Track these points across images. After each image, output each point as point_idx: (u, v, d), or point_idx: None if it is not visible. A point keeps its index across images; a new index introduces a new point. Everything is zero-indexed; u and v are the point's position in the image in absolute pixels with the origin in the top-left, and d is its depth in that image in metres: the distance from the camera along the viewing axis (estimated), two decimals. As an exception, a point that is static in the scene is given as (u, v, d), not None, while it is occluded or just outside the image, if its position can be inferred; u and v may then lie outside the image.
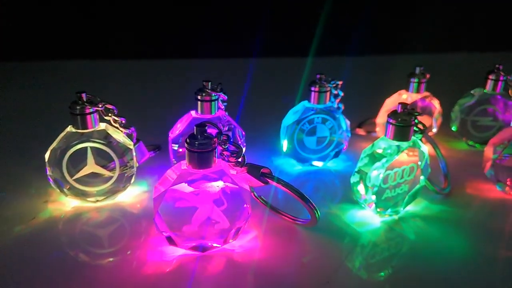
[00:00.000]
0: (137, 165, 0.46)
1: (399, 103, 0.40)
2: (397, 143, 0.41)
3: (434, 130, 0.58)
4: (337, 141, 0.52)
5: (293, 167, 0.53)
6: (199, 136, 0.34)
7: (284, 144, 0.52)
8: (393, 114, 0.40)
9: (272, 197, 0.44)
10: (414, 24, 1.17)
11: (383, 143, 0.41)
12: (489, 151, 0.48)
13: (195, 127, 0.33)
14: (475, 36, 1.20)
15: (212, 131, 0.35)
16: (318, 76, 0.50)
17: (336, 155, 0.53)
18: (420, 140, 0.43)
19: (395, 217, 0.43)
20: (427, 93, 0.57)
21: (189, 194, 0.35)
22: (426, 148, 0.43)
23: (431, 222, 0.43)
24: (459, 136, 0.60)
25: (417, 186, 0.44)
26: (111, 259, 0.37)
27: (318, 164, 0.53)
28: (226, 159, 0.35)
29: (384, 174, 0.40)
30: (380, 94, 0.60)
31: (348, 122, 0.52)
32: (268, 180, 0.36)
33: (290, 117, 0.51)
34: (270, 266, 0.36)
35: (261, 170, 0.36)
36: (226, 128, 0.48)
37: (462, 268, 0.37)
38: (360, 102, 0.69)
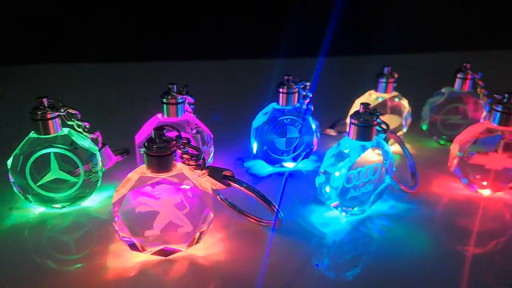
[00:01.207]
0: (104, 169, 0.46)
1: (361, 104, 0.40)
2: (360, 143, 0.41)
3: (404, 129, 0.58)
4: (306, 142, 0.52)
5: (264, 169, 0.53)
6: (157, 140, 0.33)
7: (254, 146, 0.52)
8: (355, 115, 0.40)
9: (239, 199, 0.44)
10: (383, 24, 1.18)
11: (347, 143, 0.42)
12: (455, 149, 0.48)
13: (153, 130, 0.33)
14: (443, 36, 1.21)
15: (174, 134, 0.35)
16: (286, 77, 0.50)
17: (306, 156, 0.53)
18: (384, 139, 0.43)
19: (361, 216, 0.44)
20: (395, 93, 0.57)
21: (149, 199, 0.35)
22: (389, 147, 0.43)
23: (396, 221, 0.43)
24: (429, 135, 0.61)
25: (383, 185, 0.44)
26: (77, 265, 0.36)
27: (289, 165, 0.53)
28: (186, 162, 0.35)
29: (347, 174, 0.40)
30: (352, 94, 0.60)
31: (317, 123, 0.53)
32: (231, 182, 0.36)
33: (259, 119, 0.51)
34: (234, 268, 0.36)
35: (223, 173, 0.36)
36: (195, 131, 0.48)
37: (426, 266, 0.37)
38: (332, 102, 0.70)
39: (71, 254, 0.38)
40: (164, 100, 0.45)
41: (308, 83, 0.51)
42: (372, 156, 0.42)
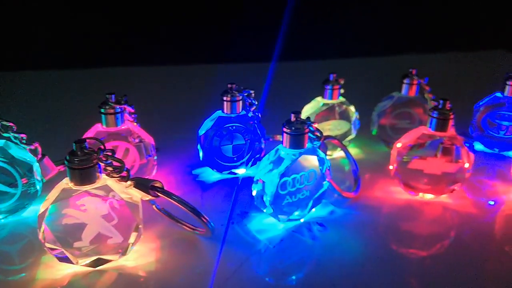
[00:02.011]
0: (44, 180, 0.45)
1: (292, 113, 0.41)
2: (293, 151, 0.41)
3: (353, 135, 0.59)
4: (254, 149, 0.53)
5: (212, 176, 0.54)
6: (79, 153, 0.34)
7: (201, 153, 0.52)
8: (287, 123, 0.41)
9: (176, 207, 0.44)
10: (329, 29, 1.19)
11: (282, 150, 0.42)
12: (394, 153, 0.49)
13: (73, 143, 0.33)
14: (390, 40, 1.22)
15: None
16: (229, 85, 0.50)
17: (254, 162, 0.54)
18: (319, 147, 0.44)
19: (300, 221, 0.44)
20: (342, 99, 0.58)
21: (75, 211, 0.35)
22: (324, 154, 0.44)
23: (335, 226, 0.44)
24: (379, 139, 0.62)
25: (320, 191, 0.45)
26: (10, 277, 0.36)
27: (240, 171, 0.53)
28: (109, 174, 0.35)
29: (280, 181, 0.41)
30: (302, 100, 0.61)
31: (264, 130, 0.53)
32: (159, 194, 0.37)
33: (205, 126, 0.52)
34: (164, 278, 0.36)
35: (151, 184, 0.36)
36: (137, 141, 0.48)
37: (365, 270, 0.38)
38: (283, 108, 0.70)
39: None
40: (102, 110, 0.45)
41: (252, 91, 0.51)
42: (307, 162, 0.42)
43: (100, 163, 0.34)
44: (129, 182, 0.36)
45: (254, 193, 0.43)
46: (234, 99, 0.50)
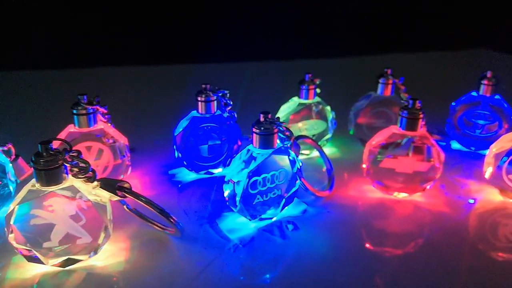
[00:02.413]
0: (19, 181, 0.46)
1: (260, 113, 0.41)
2: (263, 150, 0.42)
3: (330, 134, 0.60)
4: (230, 148, 0.53)
5: (188, 176, 0.54)
6: (44, 154, 0.34)
7: (177, 153, 0.52)
8: (256, 123, 0.41)
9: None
10: (305, 30, 1.20)
11: (252, 150, 0.43)
12: (366, 153, 0.49)
13: (39, 144, 0.34)
14: (366, 40, 1.23)
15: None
16: (203, 86, 0.50)
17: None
18: (290, 146, 0.44)
19: (272, 220, 0.44)
20: (318, 99, 0.59)
21: (43, 211, 0.35)
22: (296, 154, 0.44)
23: (307, 225, 0.44)
24: (356, 138, 0.62)
25: (292, 190, 0.45)
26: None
27: (217, 171, 0.54)
28: (75, 175, 0.35)
29: (251, 181, 0.41)
30: (279, 100, 0.61)
31: (239, 130, 0.54)
32: (126, 194, 0.37)
33: (180, 126, 0.52)
34: (132, 278, 0.37)
35: (118, 185, 0.37)
36: (111, 141, 0.48)
37: (332, 269, 0.38)
38: (261, 108, 0.71)
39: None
40: (74, 111, 0.45)
41: (227, 91, 0.51)
42: (277, 162, 0.43)
43: (66, 164, 0.34)
44: (95, 183, 0.36)
45: (225, 193, 0.43)
46: (209, 99, 0.50)
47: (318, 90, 0.59)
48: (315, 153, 0.60)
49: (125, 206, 0.42)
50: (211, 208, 0.47)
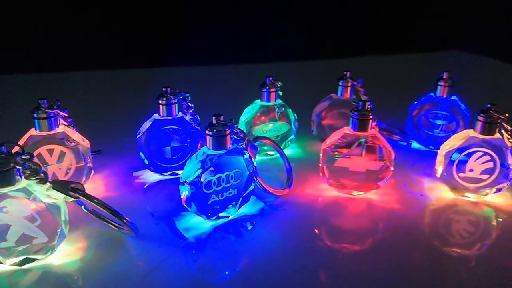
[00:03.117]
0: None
1: (213, 115, 0.43)
2: (217, 152, 0.43)
3: (293, 135, 0.61)
4: (194, 151, 0.54)
5: (152, 177, 0.55)
6: (-4, 157, 0.35)
7: (141, 155, 0.54)
8: (209, 126, 0.43)
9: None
10: (267, 33, 1.22)
11: (206, 152, 0.44)
12: (321, 153, 0.51)
13: (-9, 148, 0.35)
14: (326, 44, 1.25)
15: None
16: (164, 89, 0.52)
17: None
18: (245, 147, 0.46)
19: (228, 219, 0.46)
20: (280, 101, 0.60)
21: (-4, 212, 0.36)
22: (253, 154, 0.46)
23: (264, 223, 0.46)
24: (319, 139, 0.64)
25: (249, 189, 0.47)
26: None
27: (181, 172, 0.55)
28: (27, 177, 0.36)
29: (205, 181, 0.43)
30: (242, 103, 0.63)
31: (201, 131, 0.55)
32: (79, 196, 0.38)
33: (143, 129, 0.53)
34: (86, 276, 0.38)
35: (71, 186, 0.38)
36: (73, 144, 0.49)
37: (286, 264, 0.40)
38: (224, 111, 0.72)
39: None
40: (35, 115, 0.47)
41: (188, 94, 0.53)
42: (232, 162, 0.44)
43: (18, 167, 0.36)
44: (48, 184, 0.37)
45: (182, 194, 0.45)
46: (169, 102, 0.52)
47: (280, 93, 0.61)
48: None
49: (82, 207, 0.43)
50: (171, 208, 0.48)
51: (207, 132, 0.43)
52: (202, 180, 0.42)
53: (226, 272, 0.39)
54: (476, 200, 0.50)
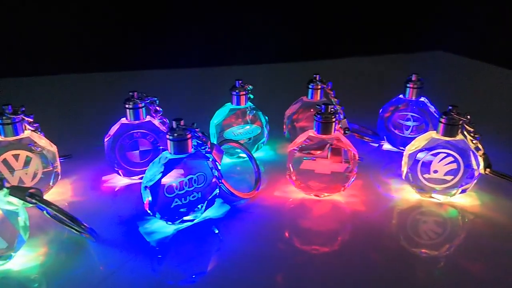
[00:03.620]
0: None
1: (173, 120, 0.43)
2: (178, 156, 0.44)
3: (264, 138, 0.62)
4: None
5: (121, 181, 0.56)
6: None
7: (108, 159, 0.54)
8: (170, 130, 0.43)
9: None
10: (236, 37, 1.22)
11: (167, 156, 0.44)
12: (288, 156, 0.52)
13: None
14: (296, 47, 1.26)
15: None
16: (130, 93, 0.52)
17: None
18: (209, 150, 0.46)
19: (193, 222, 0.46)
20: (250, 104, 0.61)
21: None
22: (215, 158, 0.46)
23: (229, 225, 0.46)
24: (291, 142, 0.64)
25: (214, 193, 0.47)
26: None
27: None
28: (-18, 183, 0.37)
29: (167, 185, 0.43)
30: (214, 106, 0.63)
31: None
32: (37, 202, 0.38)
33: (110, 133, 0.54)
34: (44, 281, 0.38)
35: (29, 191, 0.38)
36: (39, 149, 0.50)
37: (250, 267, 0.40)
38: (195, 114, 0.73)
39: None
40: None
41: (155, 98, 0.53)
42: (195, 166, 0.44)
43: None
44: (5, 190, 0.37)
45: (144, 199, 0.45)
46: (136, 106, 0.52)
47: (251, 96, 0.61)
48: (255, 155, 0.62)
49: (44, 212, 0.43)
50: (137, 212, 0.48)
51: (167, 136, 0.43)
52: (163, 184, 0.42)
53: (193, 276, 0.39)
54: (441, 201, 0.51)
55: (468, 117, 0.48)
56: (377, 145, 0.67)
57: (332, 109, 0.49)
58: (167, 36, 1.17)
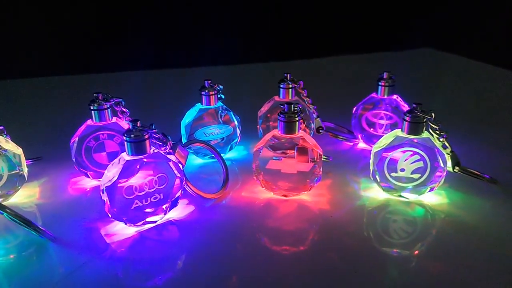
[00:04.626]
0: None
1: (130, 121, 0.43)
2: (136, 156, 0.43)
3: (237, 138, 0.61)
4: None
5: (90, 183, 0.55)
6: None
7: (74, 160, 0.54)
8: (126, 132, 0.43)
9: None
10: (203, 38, 1.21)
11: (125, 157, 0.44)
12: (253, 155, 0.51)
13: None
14: (265, 47, 1.25)
15: None
16: (95, 94, 0.52)
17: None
18: (173, 151, 0.46)
19: (155, 224, 0.46)
20: (221, 104, 0.60)
21: None
22: (179, 159, 0.46)
23: (193, 226, 0.46)
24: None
25: (177, 194, 0.47)
26: None
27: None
28: None
29: (126, 186, 0.43)
30: (185, 107, 0.63)
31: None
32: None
33: (76, 135, 0.53)
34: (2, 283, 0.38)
35: (-18, 194, 0.38)
36: (5, 152, 0.50)
37: (211, 269, 0.40)
38: (167, 115, 0.73)
39: None
40: (-40, 124, 0.47)
41: (121, 99, 0.53)
42: (155, 167, 0.44)
43: None
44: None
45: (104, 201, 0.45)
46: (101, 107, 0.52)
47: (222, 96, 0.61)
48: (227, 155, 0.62)
49: (4, 214, 0.43)
50: (101, 214, 0.48)
51: (124, 138, 0.43)
52: (122, 185, 0.42)
53: (159, 277, 0.39)
54: (410, 200, 0.50)
55: (433, 114, 0.48)
56: (351, 143, 0.66)
57: (296, 109, 0.48)
58: (132, 37, 1.16)
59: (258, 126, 0.65)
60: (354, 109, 0.65)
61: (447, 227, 0.46)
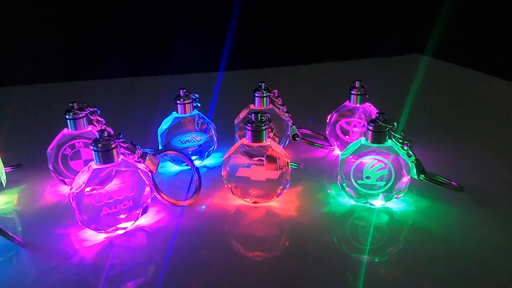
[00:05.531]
0: None
1: (97, 131, 0.44)
2: (104, 165, 0.45)
3: (213, 146, 0.63)
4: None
5: (66, 190, 0.57)
6: None
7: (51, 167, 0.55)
8: (94, 141, 0.44)
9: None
10: (184, 43, 1.22)
11: (94, 166, 0.46)
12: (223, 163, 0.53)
13: None
14: (239, 56, 1.26)
15: None
16: (70, 104, 0.54)
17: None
18: (141, 159, 0.47)
19: (125, 230, 0.47)
20: (197, 112, 0.62)
21: None
22: (148, 167, 0.47)
23: (166, 233, 0.47)
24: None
25: (149, 200, 0.48)
26: None
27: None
28: None
29: (93, 194, 0.44)
30: (160, 116, 0.64)
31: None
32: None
33: (52, 144, 0.55)
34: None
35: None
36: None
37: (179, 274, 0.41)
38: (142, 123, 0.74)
39: None
40: None
41: (96, 108, 0.55)
42: (125, 174, 0.46)
43: None
44: None
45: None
46: (76, 116, 0.54)
47: (198, 104, 0.62)
48: (204, 162, 0.63)
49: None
50: (75, 220, 0.49)
51: (91, 147, 0.44)
52: (87, 193, 0.44)
53: (131, 282, 0.40)
54: (375, 207, 0.51)
55: (395, 124, 0.49)
56: (327, 151, 0.68)
57: (263, 117, 0.50)
58: (113, 44, 1.18)
59: (236, 134, 0.66)
60: (329, 117, 0.66)
61: (410, 234, 0.47)
